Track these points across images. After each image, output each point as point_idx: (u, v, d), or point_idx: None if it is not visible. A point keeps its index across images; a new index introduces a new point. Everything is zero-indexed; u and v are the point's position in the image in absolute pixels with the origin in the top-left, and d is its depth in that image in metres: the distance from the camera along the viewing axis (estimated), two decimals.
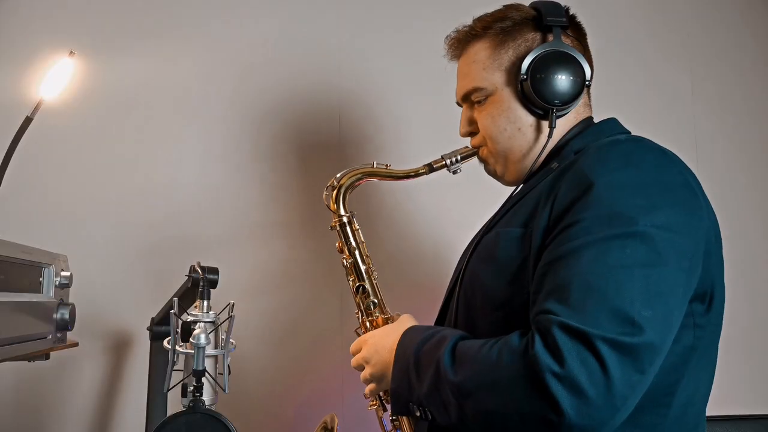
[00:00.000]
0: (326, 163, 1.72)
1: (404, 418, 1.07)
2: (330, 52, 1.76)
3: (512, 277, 0.90)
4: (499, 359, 0.79)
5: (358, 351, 1.06)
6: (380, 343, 1.01)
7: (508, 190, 1.09)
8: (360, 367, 1.05)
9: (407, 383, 0.91)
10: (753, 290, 1.78)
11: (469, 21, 1.09)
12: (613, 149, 0.87)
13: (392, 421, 1.11)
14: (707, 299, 0.87)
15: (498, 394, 0.78)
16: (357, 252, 1.14)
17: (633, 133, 1.01)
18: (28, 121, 1.28)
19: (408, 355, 0.93)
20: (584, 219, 0.81)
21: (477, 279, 0.98)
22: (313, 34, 1.76)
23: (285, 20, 1.76)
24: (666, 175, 0.85)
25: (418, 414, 0.92)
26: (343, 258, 1.15)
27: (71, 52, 1.35)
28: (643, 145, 0.88)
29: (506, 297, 0.91)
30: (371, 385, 1.03)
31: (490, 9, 1.08)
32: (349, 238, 1.14)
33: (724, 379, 0.96)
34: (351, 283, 1.15)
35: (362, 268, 1.14)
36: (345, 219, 1.14)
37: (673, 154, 0.89)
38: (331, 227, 1.15)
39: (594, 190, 0.82)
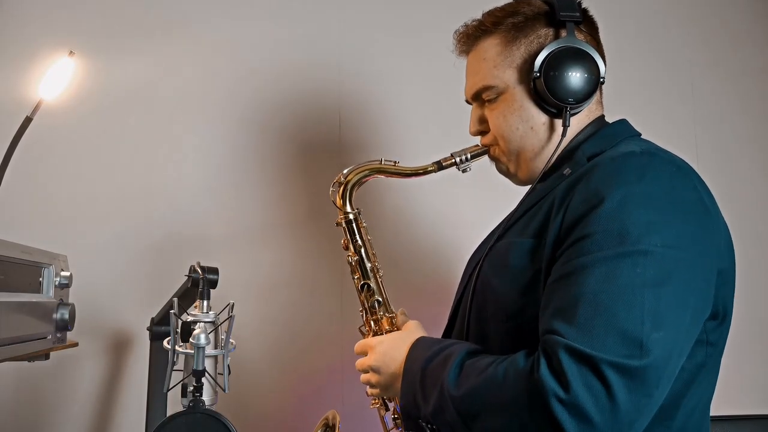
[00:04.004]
0: (326, 162, 1.72)
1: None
2: (330, 50, 1.76)
3: (524, 288, 0.89)
4: (504, 380, 0.79)
5: (363, 353, 1.05)
6: (389, 354, 0.99)
7: (517, 190, 1.08)
8: (364, 370, 1.04)
9: (413, 401, 0.91)
10: (753, 291, 1.78)
11: (473, 16, 1.06)
12: (626, 163, 0.85)
13: (394, 419, 1.11)
14: (720, 317, 0.86)
15: (503, 415, 0.78)
16: (363, 249, 1.12)
17: (636, 129, 1.00)
18: (28, 121, 1.28)
19: (415, 372, 0.92)
20: (595, 233, 0.79)
21: (489, 288, 0.96)
22: (314, 32, 1.76)
23: (285, 19, 1.76)
24: (679, 192, 0.83)
25: (428, 431, 0.91)
26: (348, 255, 1.13)
27: (71, 52, 1.34)
28: (658, 158, 0.86)
29: (518, 307, 0.90)
30: (375, 391, 1.03)
31: (494, 3, 1.06)
32: (354, 235, 1.13)
33: (724, 380, 0.95)
34: (356, 280, 1.13)
35: (368, 265, 1.12)
36: (351, 216, 1.12)
37: (688, 169, 0.87)
38: (336, 224, 1.14)
39: (605, 204, 0.80)
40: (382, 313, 1.11)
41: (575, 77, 0.95)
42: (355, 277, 1.13)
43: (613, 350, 0.72)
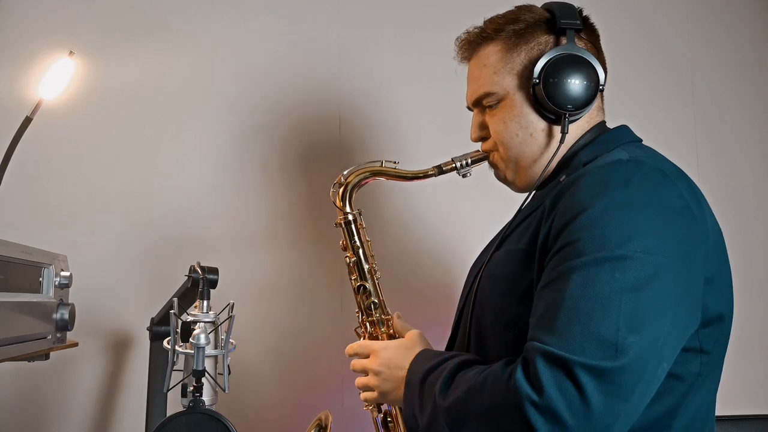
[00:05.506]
0: (326, 163, 1.72)
1: (399, 421, 1.07)
2: (330, 50, 1.76)
3: (520, 298, 0.89)
4: (483, 388, 0.80)
5: (364, 355, 1.04)
6: (394, 361, 0.99)
7: (517, 196, 1.08)
8: (362, 372, 1.04)
9: (412, 414, 0.92)
10: (752, 291, 1.78)
11: (471, 19, 1.07)
12: (612, 171, 0.85)
13: (387, 422, 1.11)
14: (713, 324, 0.86)
15: (484, 423, 0.79)
16: (361, 251, 1.12)
17: (636, 135, 1.00)
18: (28, 121, 1.28)
19: (414, 385, 0.92)
20: (577, 240, 0.80)
21: (487, 297, 0.97)
22: (313, 32, 1.76)
23: (285, 19, 1.76)
24: (664, 199, 0.82)
25: None
26: (347, 256, 1.13)
27: (71, 52, 1.35)
28: (645, 166, 0.85)
29: (515, 317, 0.90)
30: (371, 395, 1.02)
31: (491, 8, 1.07)
32: (353, 236, 1.12)
33: (724, 380, 0.95)
34: (353, 281, 1.13)
35: (365, 267, 1.12)
36: (350, 217, 1.12)
37: (677, 175, 0.86)
38: (336, 224, 1.14)
39: (589, 211, 0.80)
40: (378, 315, 1.11)
41: (574, 84, 0.95)
42: (353, 278, 1.13)
43: (588, 353, 0.72)
